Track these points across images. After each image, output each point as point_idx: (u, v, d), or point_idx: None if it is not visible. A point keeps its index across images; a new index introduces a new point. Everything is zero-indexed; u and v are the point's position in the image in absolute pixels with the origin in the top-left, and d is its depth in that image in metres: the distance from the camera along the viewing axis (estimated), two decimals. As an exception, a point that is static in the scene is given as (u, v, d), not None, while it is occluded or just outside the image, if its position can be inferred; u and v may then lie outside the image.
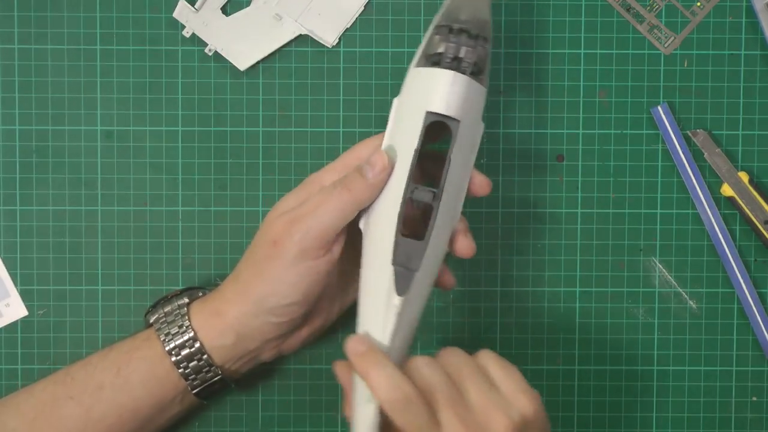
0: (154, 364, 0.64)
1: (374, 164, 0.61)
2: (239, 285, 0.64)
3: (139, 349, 0.65)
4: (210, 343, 0.64)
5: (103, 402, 0.64)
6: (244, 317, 0.63)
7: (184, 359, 0.64)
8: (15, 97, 0.72)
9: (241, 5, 0.72)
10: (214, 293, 0.66)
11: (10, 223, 0.72)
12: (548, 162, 0.72)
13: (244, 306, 0.63)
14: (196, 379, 0.65)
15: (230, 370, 0.66)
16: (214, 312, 0.64)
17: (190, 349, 0.64)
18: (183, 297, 0.67)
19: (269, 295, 0.62)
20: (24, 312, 0.72)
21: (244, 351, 0.65)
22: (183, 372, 0.64)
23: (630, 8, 0.72)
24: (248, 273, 0.64)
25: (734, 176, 0.72)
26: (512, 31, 0.72)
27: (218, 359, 0.65)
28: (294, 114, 0.72)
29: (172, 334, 0.64)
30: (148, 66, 0.72)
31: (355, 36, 0.72)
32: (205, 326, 0.64)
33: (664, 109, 0.72)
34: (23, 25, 0.72)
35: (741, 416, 0.73)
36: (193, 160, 0.72)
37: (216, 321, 0.64)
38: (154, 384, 0.64)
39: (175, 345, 0.64)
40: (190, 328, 0.64)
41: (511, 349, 0.73)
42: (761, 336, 0.72)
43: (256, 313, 0.63)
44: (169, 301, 0.67)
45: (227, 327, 0.64)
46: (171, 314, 0.65)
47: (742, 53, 0.72)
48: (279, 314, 0.63)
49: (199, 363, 0.64)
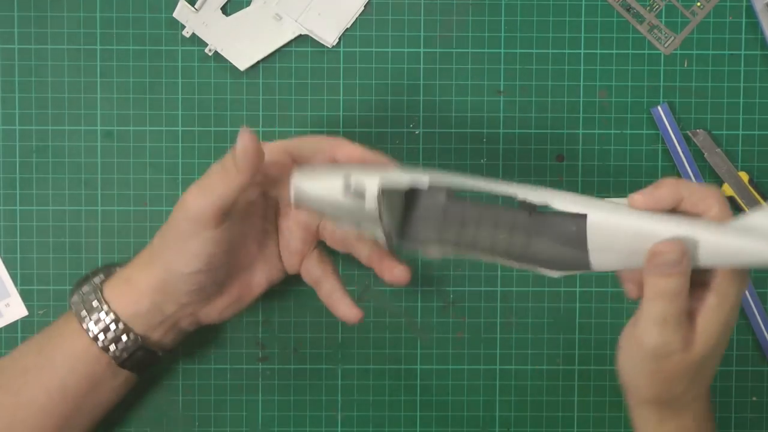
0: (73, 341, 0.64)
1: (244, 142, 0.61)
2: (152, 252, 0.65)
3: (58, 328, 0.65)
4: (124, 311, 0.64)
5: (29, 385, 0.64)
6: (155, 282, 0.64)
7: (101, 331, 0.64)
8: (15, 97, 0.72)
9: (241, 5, 0.72)
10: (127, 265, 0.66)
11: (10, 223, 0.72)
12: (548, 162, 0.72)
13: (154, 272, 0.64)
14: (117, 349, 0.64)
15: (152, 339, 0.66)
16: (126, 280, 0.65)
17: (104, 321, 0.64)
18: (99, 274, 0.67)
19: (174, 263, 0.63)
20: (24, 312, 0.72)
21: (161, 317, 0.65)
22: (102, 344, 0.64)
23: (630, 8, 0.72)
24: (158, 240, 0.64)
25: (734, 176, 0.72)
26: (512, 31, 0.72)
27: (136, 328, 0.65)
28: (294, 114, 0.72)
29: (87, 309, 0.65)
30: (148, 66, 0.72)
31: (355, 36, 0.72)
32: (118, 296, 0.65)
33: (664, 109, 0.72)
34: (23, 25, 0.72)
35: (741, 416, 0.73)
36: (193, 160, 0.72)
37: (127, 289, 0.65)
38: (75, 360, 0.64)
39: (90, 318, 0.64)
40: (103, 300, 0.64)
41: (511, 349, 0.73)
42: (761, 336, 0.72)
43: (165, 279, 0.63)
44: (86, 279, 0.67)
45: (139, 294, 0.64)
46: (88, 293, 0.66)
47: (742, 53, 0.72)
48: (186, 281, 0.63)
49: (115, 333, 0.64)
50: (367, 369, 0.73)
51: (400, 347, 0.73)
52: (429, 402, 0.73)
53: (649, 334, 0.57)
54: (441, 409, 0.73)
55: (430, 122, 0.72)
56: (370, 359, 0.73)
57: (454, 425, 0.73)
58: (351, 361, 0.73)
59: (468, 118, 0.72)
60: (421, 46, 0.72)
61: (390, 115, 0.72)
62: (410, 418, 0.73)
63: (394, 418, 0.73)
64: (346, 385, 0.73)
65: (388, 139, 0.72)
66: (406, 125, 0.72)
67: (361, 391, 0.73)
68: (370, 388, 0.73)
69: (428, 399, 0.73)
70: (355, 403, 0.73)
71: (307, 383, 0.73)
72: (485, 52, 0.72)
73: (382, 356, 0.73)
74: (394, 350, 0.73)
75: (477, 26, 0.72)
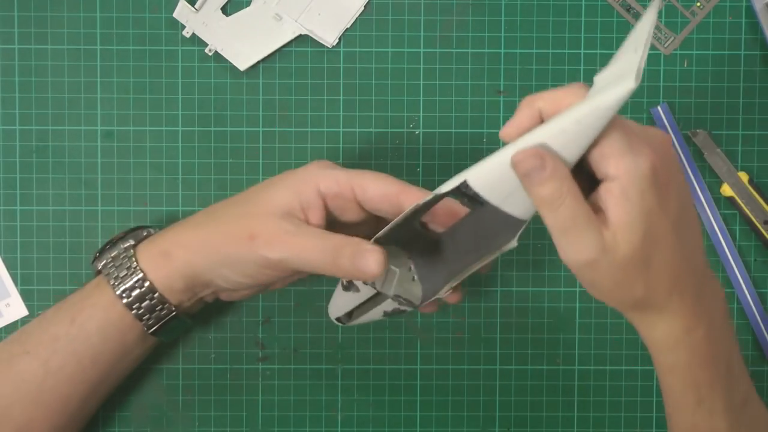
0: (107, 310, 0.64)
1: (369, 265, 0.60)
2: (198, 237, 0.63)
3: (90, 297, 0.65)
4: (159, 283, 0.64)
5: (59, 353, 0.64)
6: (194, 266, 0.63)
7: (136, 300, 0.64)
8: (15, 97, 0.72)
9: (241, 5, 0.72)
10: (163, 233, 0.65)
11: (10, 223, 0.72)
12: (548, 162, 0.72)
13: (197, 259, 0.63)
14: (150, 318, 0.64)
15: (182, 308, 0.65)
16: (163, 253, 0.64)
17: (140, 290, 0.64)
18: (128, 239, 0.66)
19: (224, 268, 0.62)
20: (24, 312, 0.72)
21: (192, 295, 0.65)
22: (137, 313, 0.64)
23: (630, 8, 0.72)
24: (211, 235, 0.63)
25: (734, 176, 0.72)
26: (512, 31, 0.72)
27: (170, 298, 0.64)
28: (294, 114, 0.73)
29: (121, 277, 0.64)
30: (148, 66, 0.72)
31: (355, 36, 0.72)
32: (153, 267, 0.64)
33: (664, 109, 0.72)
34: (23, 25, 0.72)
35: (741, 416, 0.73)
36: (193, 160, 0.72)
37: (163, 262, 0.64)
38: (109, 329, 0.64)
39: (125, 288, 0.64)
40: (138, 269, 0.64)
41: (511, 349, 0.73)
42: (761, 336, 0.72)
43: (206, 272, 0.63)
44: (114, 245, 0.66)
45: (174, 270, 0.63)
46: (118, 258, 0.65)
47: (742, 53, 0.72)
48: (229, 283, 0.63)
49: (151, 302, 0.64)
50: (367, 369, 0.73)
51: (400, 347, 0.73)
52: (429, 402, 0.73)
53: (562, 250, 0.54)
54: (441, 409, 0.73)
55: (430, 122, 0.72)
56: (370, 359, 0.73)
57: (454, 425, 0.73)
58: (351, 361, 0.73)
59: (468, 118, 0.72)
60: (421, 46, 0.72)
61: (390, 115, 0.72)
62: (410, 418, 0.73)
63: (394, 418, 0.73)
64: (346, 385, 0.73)
65: (388, 139, 0.72)
66: (406, 125, 0.72)
67: (361, 391, 0.73)
68: (370, 388, 0.73)
69: (428, 399, 0.73)
70: (355, 403, 0.73)
71: (307, 383, 0.73)
72: (485, 52, 0.72)
73: (382, 356, 0.73)
74: (394, 350, 0.73)
75: (477, 26, 0.72)
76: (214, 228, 0.63)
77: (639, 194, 0.52)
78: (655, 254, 0.54)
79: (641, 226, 0.53)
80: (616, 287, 0.54)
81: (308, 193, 0.63)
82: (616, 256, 0.53)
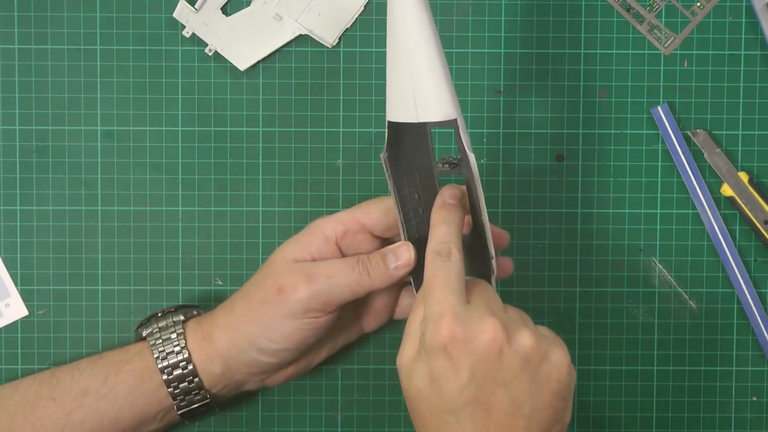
0: (143, 379, 0.64)
1: (400, 256, 0.62)
2: (233, 317, 0.64)
3: (130, 362, 0.65)
4: (200, 367, 0.64)
5: (84, 407, 0.64)
6: (234, 348, 0.64)
7: (176, 379, 0.64)
8: (15, 97, 0.72)
9: (241, 5, 0.72)
10: (207, 317, 0.66)
11: (10, 223, 0.72)
12: (548, 162, 0.72)
13: (236, 339, 0.63)
14: (184, 399, 0.65)
15: (215, 394, 0.66)
16: (206, 336, 0.64)
17: (183, 371, 0.64)
18: (178, 314, 0.66)
19: (261, 338, 0.63)
20: (24, 312, 0.72)
21: (230, 380, 0.65)
22: (172, 392, 0.64)
23: (630, 8, 0.72)
24: (244, 310, 0.63)
25: (734, 176, 0.72)
26: (512, 31, 0.72)
27: (205, 383, 0.65)
28: (294, 114, 0.72)
29: (167, 351, 0.64)
30: (148, 66, 0.72)
31: (355, 36, 0.72)
32: (196, 349, 0.64)
33: (664, 109, 0.72)
34: (23, 25, 0.72)
35: (741, 416, 0.73)
36: (193, 160, 0.72)
37: (206, 346, 0.64)
38: (139, 398, 0.64)
39: (168, 364, 0.64)
40: (186, 348, 0.64)
41: (511, 349, 0.73)
42: (761, 336, 0.72)
43: (245, 349, 0.63)
44: (164, 316, 0.67)
45: (216, 354, 0.64)
46: (165, 330, 0.65)
47: (742, 53, 0.72)
48: (268, 354, 0.63)
49: (189, 385, 0.64)
50: (367, 369, 0.73)
51: (400, 347, 0.73)
52: (429, 402, 0.73)
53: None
54: (441, 409, 0.73)
55: (430, 122, 0.72)
56: (370, 359, 0.73)
57: (454, 425, 0.73)
58: (351, 361, 0.73)
59: (468, 118, 0.72)
60: (421, 46, 0.72)
61: (390, 115, 0.72)
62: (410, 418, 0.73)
63: (394, 418, 0.73)
64: (346, 385, 0.73)
65: (388, 139, 0.72)
66: (406, 125, 0.72)
67: (361, 391, 0.73)
68: (370, 388, 0.73)
69: (428, 399, 0.73)
70: (355, 403, 0.73)
71: (307, 383, 0.73)
72: (485, 52, 0.72)
73: (382, 356, 0.73)
74: (394, 350, 0.73)
75: (477, 26, 0.72)
76: (245, 302, 0.64)
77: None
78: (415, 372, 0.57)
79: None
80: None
81: (317, 242, 0.63)
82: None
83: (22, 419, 0.64)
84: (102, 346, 0.72)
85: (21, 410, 0.64)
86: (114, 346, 0.71)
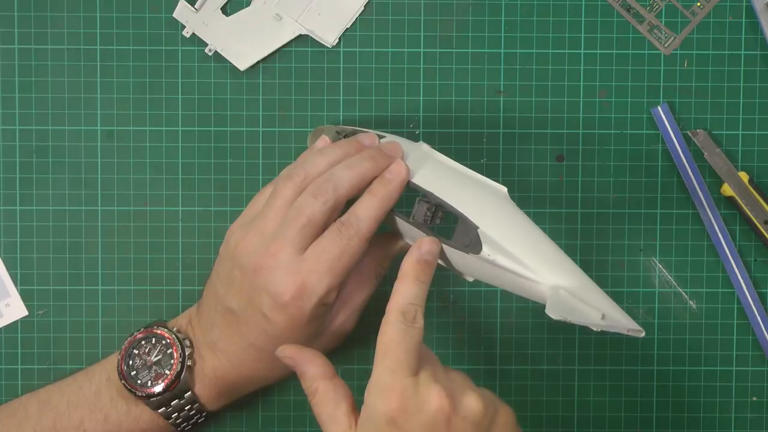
0: (139, 407, 0.65)
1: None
2: (215, 343, 0.64)
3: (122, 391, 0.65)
4: (209, 406, 0.65)
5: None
6: (222, 378, 0.64)
7: (175, 410, 0.65)
8: (15, 97, 0.72)
9: (241, 5, 0.72)
10: (206, 358, 0.65)
11: (10, 223, 0.72)
12: (548, 162, 0.72)
13: (221, 366, 0.64)
14: (179, 417, 0.65)
15: (208, 408, 0.66)
16: (193, 366, 0.65)
17: (188, 411, 0.65)
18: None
19: (247, 365, 0.63)
20: (24, 312, 0.72)
21: (226, 399, 0.66)
22: (166, 413, 0.65)
23: (630, 8, 0.72)
24: (221, 333, 0.64)
25: (734, 176, 0.72)
26: (512, 31, 0.72)
27: (208, 408, 0.66)
28: (294, 114, 0.73)
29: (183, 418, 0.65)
30: (148, 66, 0.72)
31: (355, 36, 0.72)
32: (204, 395, 0.65)
33: (664, 109, 0.72)
34: (23, 25, 0.72)
35: (741, 416, 0.73)
36: (193, 160, 0.72)
37: (197, 374, 0.65)
38: (135, 427, 0.65)
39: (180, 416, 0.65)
40: (198, 404, 0.65)
41: (511, 349, 0.73)
42: (761, 336, 0.72)
43: (232, 379, 0.65)
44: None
45: (209, 382, 0.65)
46: (182, 410, 0.66)
47: (742, 53, 0.72)
48: (257, 382, 0.65)
49: (181, 404, 0.65)
50: (368, 369, 0.73)
51: (400, 347, 0.73)
52: (429, 402, 0.73)
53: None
54: (441, 409, 0.73)
55: (430, 122, 0.72)
56: (370, 359, 0.73)
57: (454, 425, 0.73)
58: (352, 361, 0.73)
59: (468, 118, 0.72)
60: (421, 46, 0.72)
61: (390, 115, 0.72)
62: None
63: (394, 418, 0.73)
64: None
65: (388, 139, 0.72)
66: (406, 125, 0.72)
67: (361, 391, 0.73)
68: (370, 388, 0.73)
69: (428, 399, 0.73)
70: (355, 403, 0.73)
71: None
72: (485, 52, 0.72)
73: (382, 356, 0.73)
74: (394, 350, 0.73)
75: (477, 26, 0.72)
76: (222, 328, 0.63)
77: None
78: None
79: None
80: None
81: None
82: None
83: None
84: (102, 346, 0.72)
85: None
86: (114, 346, 0.71)
